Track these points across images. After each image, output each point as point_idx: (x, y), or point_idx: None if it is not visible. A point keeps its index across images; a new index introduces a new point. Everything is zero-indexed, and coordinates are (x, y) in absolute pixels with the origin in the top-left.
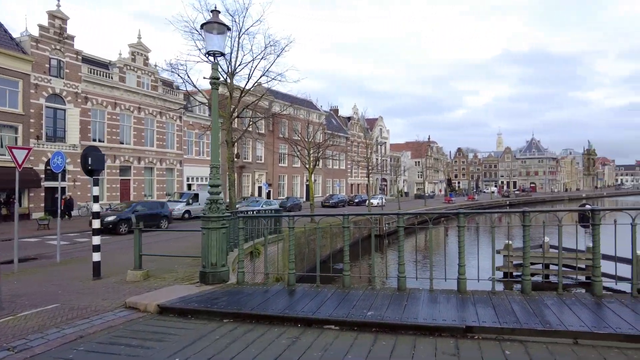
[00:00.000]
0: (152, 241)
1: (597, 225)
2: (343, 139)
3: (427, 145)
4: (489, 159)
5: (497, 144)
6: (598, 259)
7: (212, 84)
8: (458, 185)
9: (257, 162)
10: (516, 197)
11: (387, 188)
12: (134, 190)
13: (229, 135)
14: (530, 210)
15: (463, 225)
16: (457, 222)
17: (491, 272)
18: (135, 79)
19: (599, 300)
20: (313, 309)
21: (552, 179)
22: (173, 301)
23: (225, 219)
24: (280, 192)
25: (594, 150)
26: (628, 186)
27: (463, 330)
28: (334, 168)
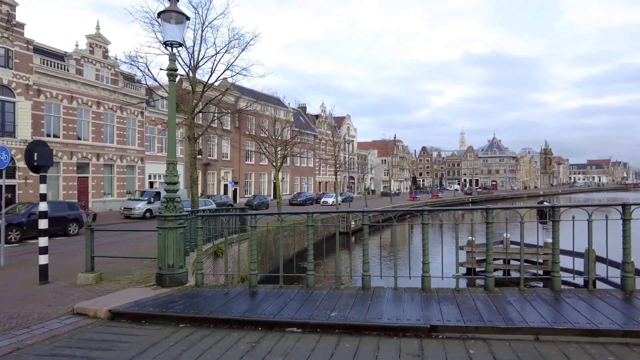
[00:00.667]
0: (113, 241)
1: (556, 221)
2: (311, 136)
3: (393, 144)
4: (452, 158)
5: (460, 143)
6: (557, 254)
7: (169, 76)
8: (423, 183)
9: (222, 160)
10: (478, 195)
11: (354, 186)
12: (93, 188)
13: (191, 131)
14: (493, 207)
15: (427, 222)
16: (421, 219)
17: (455, 269)
18: (93, 72)
19: (558, 295)
20: (275, 311)
21: (512, 177)
22: (126, 306)
23: (182, 218)
24: (247, 190)
25: (550, 150)
26: (580, 184)
27: (427, 329)
28: (302, 166)
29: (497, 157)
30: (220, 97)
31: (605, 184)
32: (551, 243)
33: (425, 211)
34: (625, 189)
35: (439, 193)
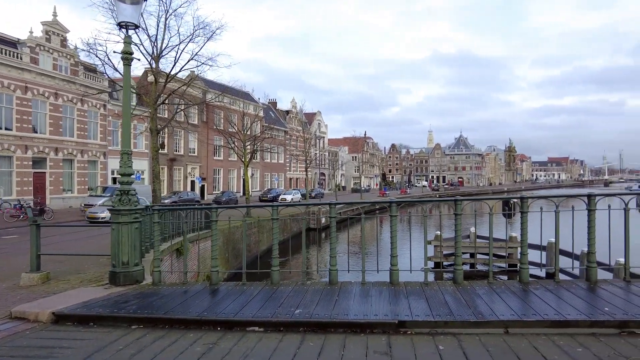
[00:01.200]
0: (70, 239)
1: (525, 212)
2: (282, 132)
3: (363, 141)
4: (421, 155)
5: (428, 141)
6: (525, 246)
7: (123, 60)
8: (392, 180)
9: (189, 155)
10: (445, 191)
11: (325, 182)
12: (51, 184)
13: (153, 123)
14: (462, 198)
15: (395, 214)
16: (389, 212)
17: (423, 262)
18: (50, 61)
19: (526, 287)
20: (236, 310)
21: (477, 173)
22: (72, 307)
23: (137, 212)
24: (215, 186)
25: (514, 148)
26: (542, 181)
27: (396, 325)
28: (273, 162)
29: (464, 155)
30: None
31: (564, 181)
32: (516, 236)
33: (393, 202)
34: (582, 185)
35: (407, 189)
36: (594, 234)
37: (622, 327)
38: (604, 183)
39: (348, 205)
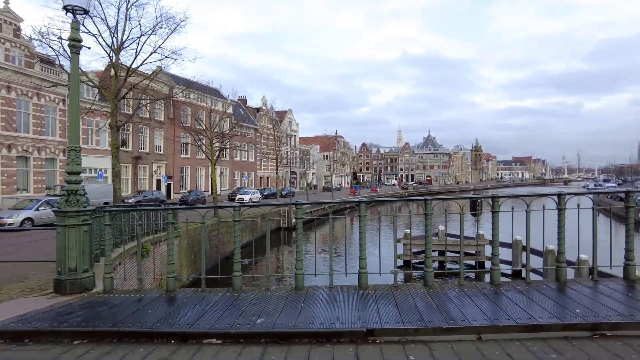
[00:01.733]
0: (21, 242)
1: (496, 212)
2: (252, 130)
3: (334, 140)
4: (390, 154)
5: (398, 140)
6: (497, 247)
7: (71, 47)
8: (363, 178)
9: (155, 153)
10: (414, 189)
11: (296, 181)
12: (3, 183)
13: (113, 119)
14: (432, 197)
15: (364, 214)
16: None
17: (393, 264)
18: (2, 52)
19: (497, 289)
20: (193, 319)
21: (445, 172)
22: (6, 322)
23: (87, 214)
24: (182, 185)
25: (480, 147)
26: (506, 179)
27: (364, 334)
28: (243, 160)
29: (432, 154)
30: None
31: (527, 179)
32: (483, 234)
33: (362, 202)
34: (544, 183)
35: (377, 188)
36: (564, 233)
37: (594, 329)
38: (563, 181)
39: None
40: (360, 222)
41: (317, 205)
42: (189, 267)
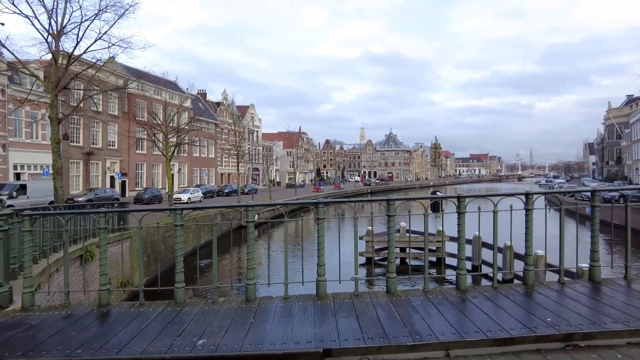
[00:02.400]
0: None
1: (462, 213)
2: (212, 125)
3: (298, 136)
4: (353, 151)
5: (360, 137)
6: (463, 250)
7: None
8: (326, 175)
9: (109, 148)
10: (377, 186)
11: (259, 177)
12: None
13: (53, 111)
14: (395, 198)
15: (322, 217)
16: (316, 214)
17: (354, 270)
18: None
19: (464, 295)
20: (124, 341)
21: (406, 169)
22: None
23: (2, 219)
24: (138, 182)
25: (439, 145)
26: (464, 176)
27: (320, 355)
28: (202, 156)
29: (394, 151)
30: (94, 73)
31: (484, 176)
32: (444, 230)
33: (320, 203)
34: (500, 180)
35: (341, 184)
36: (532, 234)
37: (566, 340)
38: (518, 178)
39: (271, 206)
40: (318, 226)
41: (271, 206)
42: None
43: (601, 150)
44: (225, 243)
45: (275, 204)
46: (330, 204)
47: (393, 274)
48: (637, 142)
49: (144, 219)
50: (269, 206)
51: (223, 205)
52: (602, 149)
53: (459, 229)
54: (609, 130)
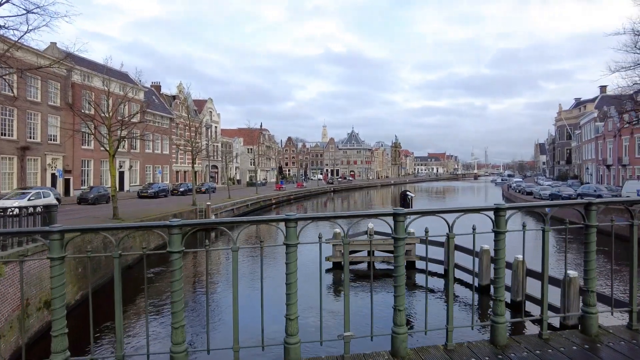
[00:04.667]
0: None
1: (502, 232)
2: (166, 119)
3: (259, 133)
4: (316, 149)
5: (322, 136)
6: (501, 286)
7: None
8: (288, 173)
9: (49, 143)
10: (339, 184)
11: (217, 175)
12: None
13: None
14: (406, 211)
15: (294, 242)
16: (285, 237)
17: (344, 324)
18: None
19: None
20: None
21: (367, 167)
22: None
23: None
24: (84, 180)
25: (399, 144)
26: (423, 174)
27: None
28: (156, 152)
29: (355, 149)
30: (7, 49)
31: (442, 174)
32: (414, 232)
33: (291, 219)
34: (456, 178)
35: (303, 183)
36: (594, 262)
37: None
38: (474, 176)
39: (204, 225)
40: (287, 256)
41: (207, 225)
42: (75, 283)
43: (552, 150)
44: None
45: (217, 223)
46: (308, 220)
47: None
48: (587, 142)
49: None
50: (206, 224)
51: (135, 225)
52: (553, 149)
53: (497, 255)
54: (559, 131)
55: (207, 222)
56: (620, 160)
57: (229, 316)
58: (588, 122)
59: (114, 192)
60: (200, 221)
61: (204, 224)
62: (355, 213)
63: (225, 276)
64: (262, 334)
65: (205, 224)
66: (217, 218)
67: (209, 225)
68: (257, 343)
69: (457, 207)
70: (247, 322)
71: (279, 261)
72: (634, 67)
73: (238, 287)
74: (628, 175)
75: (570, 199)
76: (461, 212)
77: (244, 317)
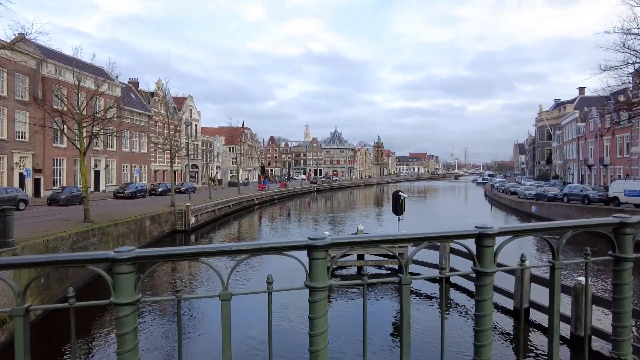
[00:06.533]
0: None
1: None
2: (144, 117)
3: (241, 131)
4: (299, 148)
5: (305, 135)
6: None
7: None
8: (271, 172)
9: (17, 141)
10: (323, 184)
11: (198, 175)
12: None
13: None
14: (498, 231)
15: (324, 285)
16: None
17: None
18: None
19: None
20: None
21: (350, 167)
22: None
23: None
24: (56, 180)
25: (381, 144)
26: (404, 174)
27: None
28: (134, 151)
29: (339, 149)
30: None
31: (423, 174)
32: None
33: (318, 245)
34: (437, 178)
35: (287, 182)
36: None
37: None
38: (454, 176)
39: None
40: (313, 309)
41: (178, 255)
42: (38, 295)
43: (532, 151)
44: None
45: (200, 253)
46: (344, 246)
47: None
48: (568, 142)
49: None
50: (178, 256)
51: (32, 260)
52: (533, 149)
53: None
54: (540, 131)
55: (181, 253)
56: (601, 160)
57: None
58: (569, 122)
59: (86, 193)
60: (167, 251)
61: (173, 255)
62: (417, 235)
63: (211, 324)
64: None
65: (175, 255)
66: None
67: (184, 257)
68: None
69: (568, 223)
70: None
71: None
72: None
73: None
74: (609, 175)
75: (556, 199)
76: (573, 228)
77: None
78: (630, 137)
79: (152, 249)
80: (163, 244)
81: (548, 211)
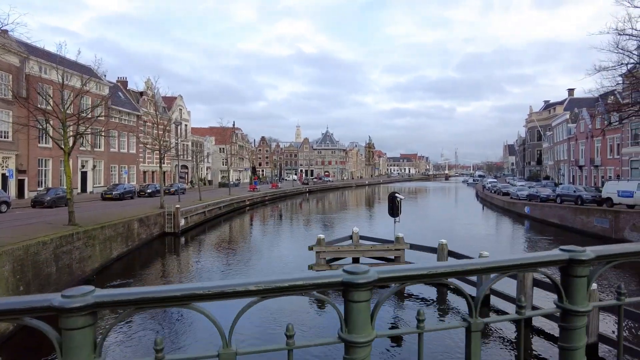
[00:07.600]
0: None
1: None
2: (133, 116)
3: (232, 131)
4: (290, 149)
5: (296, 136)
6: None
7: None
8: (262, 173)
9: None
10: (314, 185)
11: (188, 176)
12: None
13: None
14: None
15: (365, 341)
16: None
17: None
18: None
19: None
20: None
21: (342, 168)
22: None
23: None
24: (41, 181)
25: (373, 145)
26: (395, 175)
27: None
28: (122, 151)
29: (330, 150)
30: None
31: (414, 175)
32: (402, 237)
33: (359, 284)
34: (428, 179)
35: (278, 183)
36: None
37: None
38: (445, 177)
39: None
40: None
41: (154, 299)
42: None
43: (522, 151)
44: (143, 254)
45: (187, 296)
46: (393, 281)
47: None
48: (559, 143)
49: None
50: (130, 306)
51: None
52: (523, 150)
53: None
54: (530, 132)
55: (163, 297)
56: (592, 161)
57: None
58: (560, 123)
59: (70, 195)
60: (143, 293)
61: (150, 300)
62: (489, 264)
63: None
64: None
65: (155, 300)
66: (189, 285)
67: (168, 301)
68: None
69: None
70: None
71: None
72: (617, 67)
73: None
74: (600, 176)
75: (549, 199)
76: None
77: None
78: (621, 138)
79: (120, 289)
80: (152, 246)
81: (541, 212)
